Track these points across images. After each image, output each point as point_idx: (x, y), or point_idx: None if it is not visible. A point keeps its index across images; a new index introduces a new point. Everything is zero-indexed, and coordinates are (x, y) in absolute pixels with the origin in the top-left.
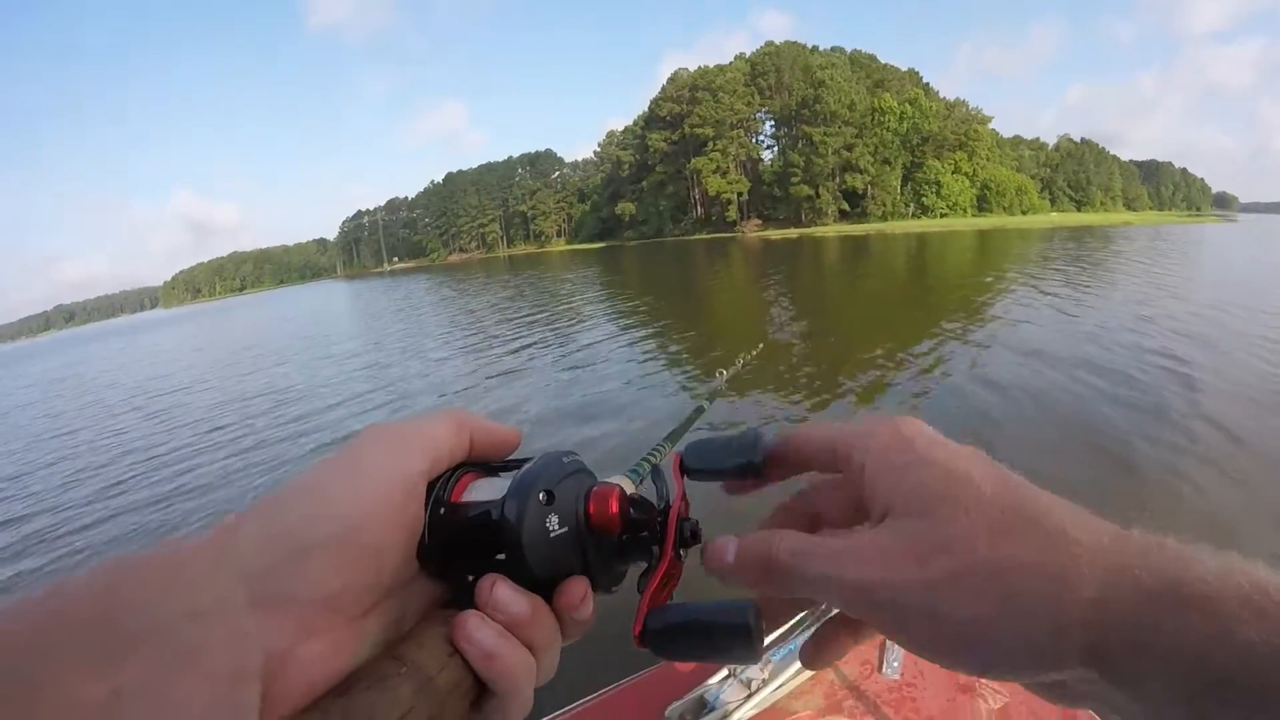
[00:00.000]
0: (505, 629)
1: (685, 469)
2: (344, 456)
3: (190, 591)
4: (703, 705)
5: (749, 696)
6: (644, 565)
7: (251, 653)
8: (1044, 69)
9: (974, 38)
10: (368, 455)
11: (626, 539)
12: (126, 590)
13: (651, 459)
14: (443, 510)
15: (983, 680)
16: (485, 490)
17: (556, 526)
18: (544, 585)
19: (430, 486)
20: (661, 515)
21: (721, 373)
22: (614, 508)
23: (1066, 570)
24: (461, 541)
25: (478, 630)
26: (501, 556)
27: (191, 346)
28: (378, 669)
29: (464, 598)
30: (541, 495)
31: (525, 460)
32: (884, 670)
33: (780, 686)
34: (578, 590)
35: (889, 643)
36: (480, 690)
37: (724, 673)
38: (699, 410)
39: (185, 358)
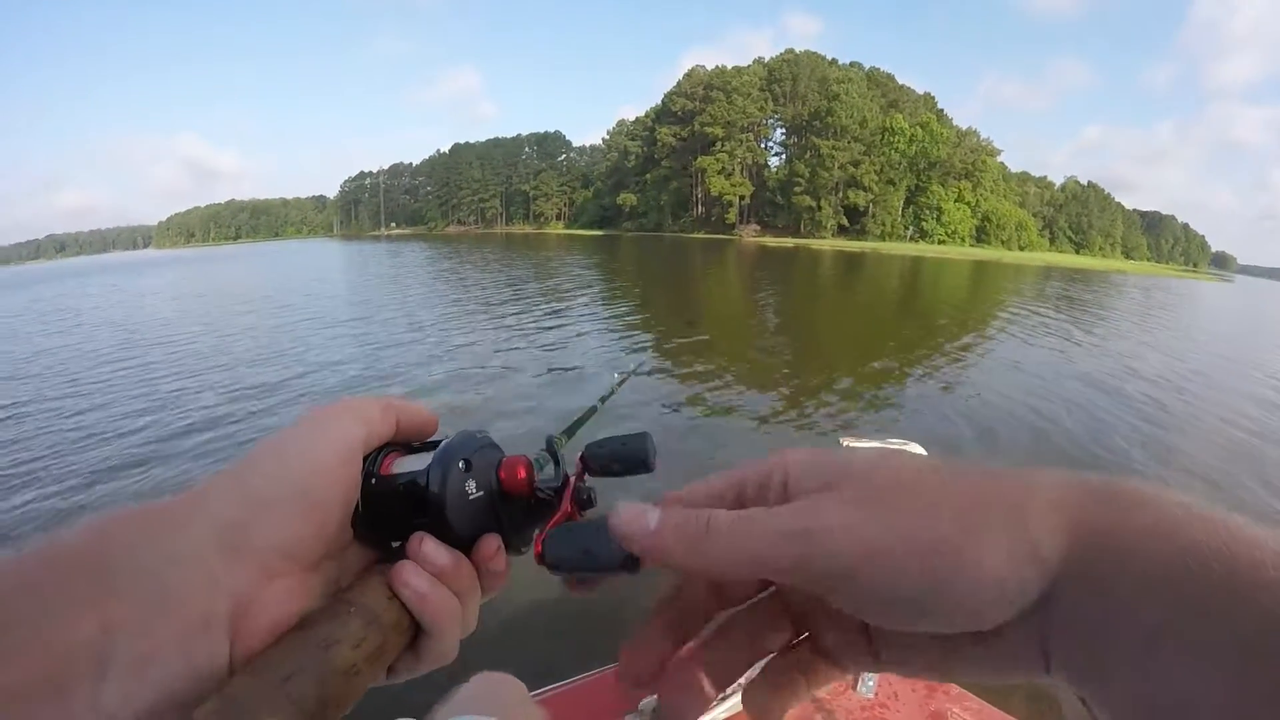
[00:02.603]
0: (434, 578)
1: (545, 562)
2: (299, 426)
3: (170, 541)
4: None
5: (722, 700)
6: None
7: (222, 594)
8: (1065, 106)
9: (1000, 67)
10: (317, 425)
11: (533, 503)
12: (115, 538)
13: (553, 446)
14: (374, 481)
15: (954, 710)
16: (409, 464)
17: (474, 490)
18: (464, 542)
19: (364, 460)
20: (562, 482)
21: (614, 375)
22: (521, 473)
23: (1020, 483)
24: (390, 508)
25: (412, 576)
26: (424, 523)
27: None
28: (331, 609)
29: (393, 559)
30: (461, 464)
31: (439, 441)
32: (859, 688)
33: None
34: (492, 544)
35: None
36: (415, 631)
37: None
38: (592, 409)
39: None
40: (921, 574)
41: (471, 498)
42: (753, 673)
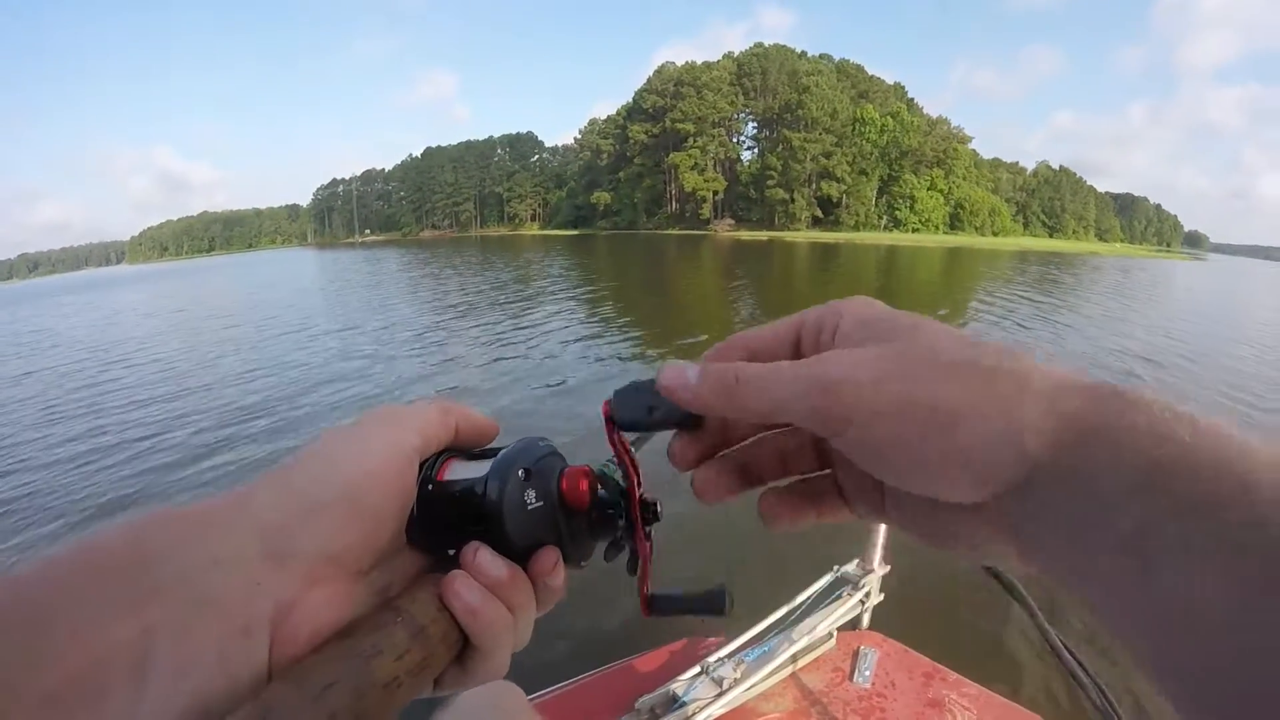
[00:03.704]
0: (487, 590)
1: (615, 422)
2: (350, 429)
3: (211, 543)
4: (673, 700)
5: (719, 695)
6: (609, 539)
7: (263, 600)
8: (1038, 92)
9: (972, 55)
10: (370, 429)
11: (595, 516)
12: (155, 541)
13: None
14: (430, 487)
15: (951, 696)
16: (465, 471)
17: (533, 500)
18: (521, 554)
19: (420, 466)
20: (623, 495)
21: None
22: (583, 485)
23: (1026, 372)
24: (446, 515)
25: (464, 588)
26: (480, 532)
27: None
28: (377, 618)
29: (447, 568)
30: (520, 472)
31: (499, 448)
32: (855, 678)
33: (751, 687)
34: (550, 558)
35: (861, 651)
36: (464, 644)
37: (696, 669)
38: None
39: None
40: (913, 438)
41: (530, 508)
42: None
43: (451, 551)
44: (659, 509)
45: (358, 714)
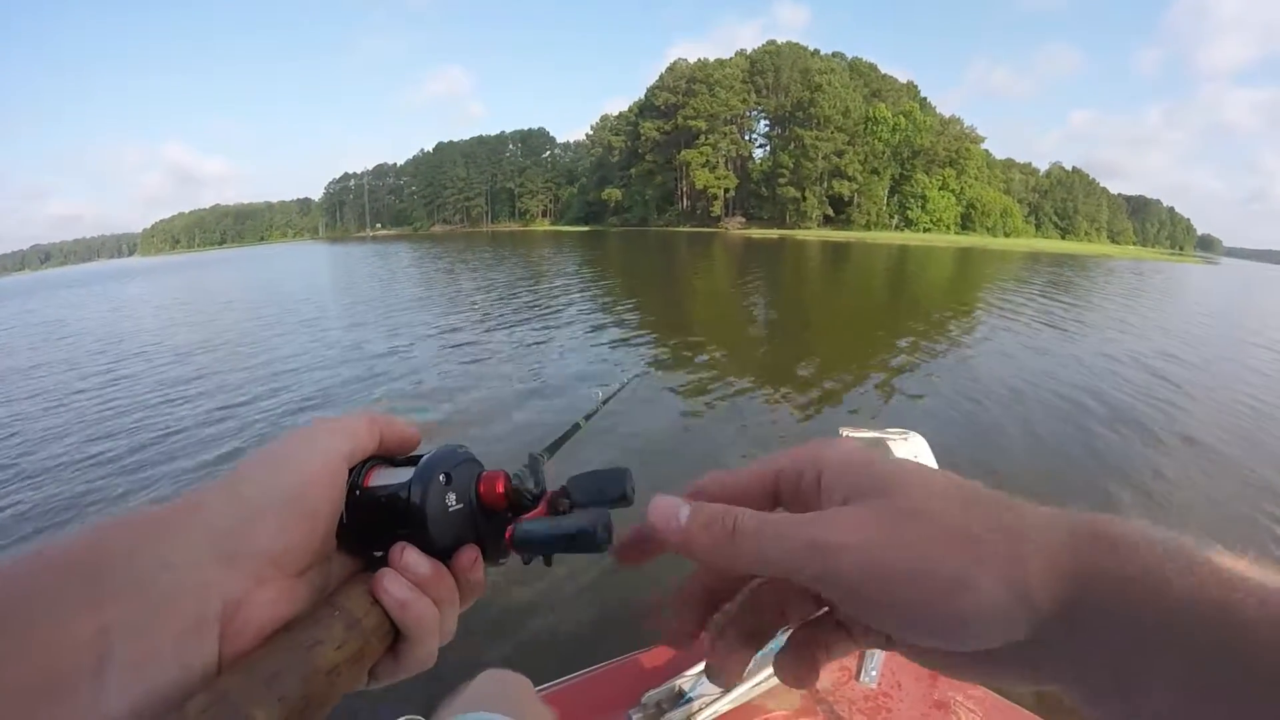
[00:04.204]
0: (413, 585)
1: (571, 500)
2: (288, 438)
3: (165, 547)
4: (679, 695)
5: (726, 691)
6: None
7: (214, 599)
8: (1053, 92)
9: (987, 53)
10: (306, 438)
11: (510, 517)
12: (112, 544)
13: (535, 462)
14: (358, 493)
15: (957, 698)
16: (390, 476)
17: (454, 503)
18: (443, 552)
19: (349, 473)
20: (538, 496)
21: (597, 392)
22: (500, 488)
23: (1021, 528)
24: (373, 519)
25: (393, 583)
26: (405, 533)
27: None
28: (316, 613)
29: (377, 568)
30: (441, 477)
31: (421, 455)
32: (861, 678)
33: (758, 685)
34: (470, 556)
35: (868, 650)
36: (395, 636)
37: (703, 665)
38: (575, 427)
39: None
40: (919, 601)
41: (451, 510)
42: (781, 639)
43: (379, 553)
44: (570, 510)
45: (304, 698)
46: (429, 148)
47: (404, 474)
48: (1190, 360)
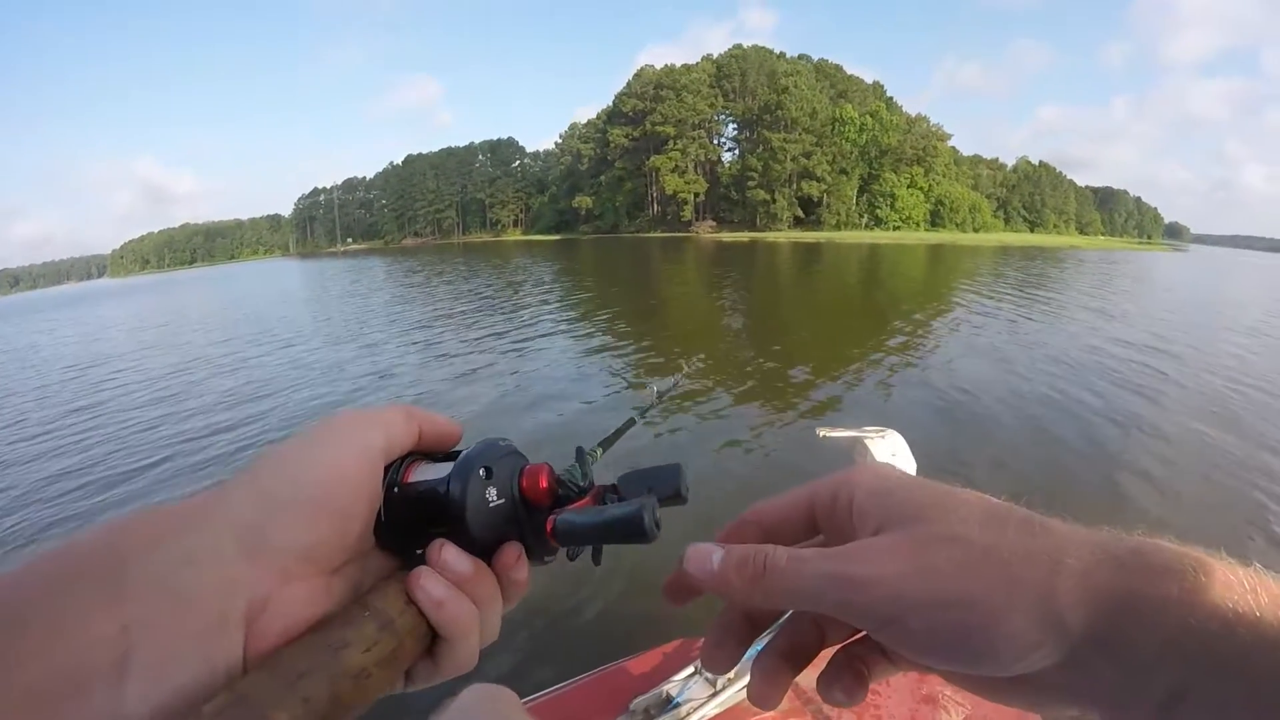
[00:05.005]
0: (452, 584)
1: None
2: (318, 430)
3: (187, 542)
4: (667, 700)
5: (714, 695)
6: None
7: (238, 596)
8: (1020, 88)
9: (955, 50)
10: (337, 431)
11: (555, 511)
12: (132, 540)
13: (583, 456)
14: (395, 489)
15: (945, 693)
16: (429, 472)
17: (495, 498)
18: (484, 550)
19: (386, 469)
20: (584, 491)
21: (653, 387)
22: (544, 483)
23: (1053, 551)
24: (412, 516)
25: (429, 582)
26: (445, 530)
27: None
28: (347, 612)
29: (414, 566)
30: (482, 471)
31: (461, 450)
32: None
33: (745, 686)
34: (513, 553)
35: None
36: (432, 637)
37: (690, 669)
38: (630, 422)
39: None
40: (952, 631)
41: (492, 505)
42: (762, 642)
43: (419, 551)
44: (619, 499)
45: (330, 702)
46: (398, 160)
47: (443, 469)
48: (1172, 348)
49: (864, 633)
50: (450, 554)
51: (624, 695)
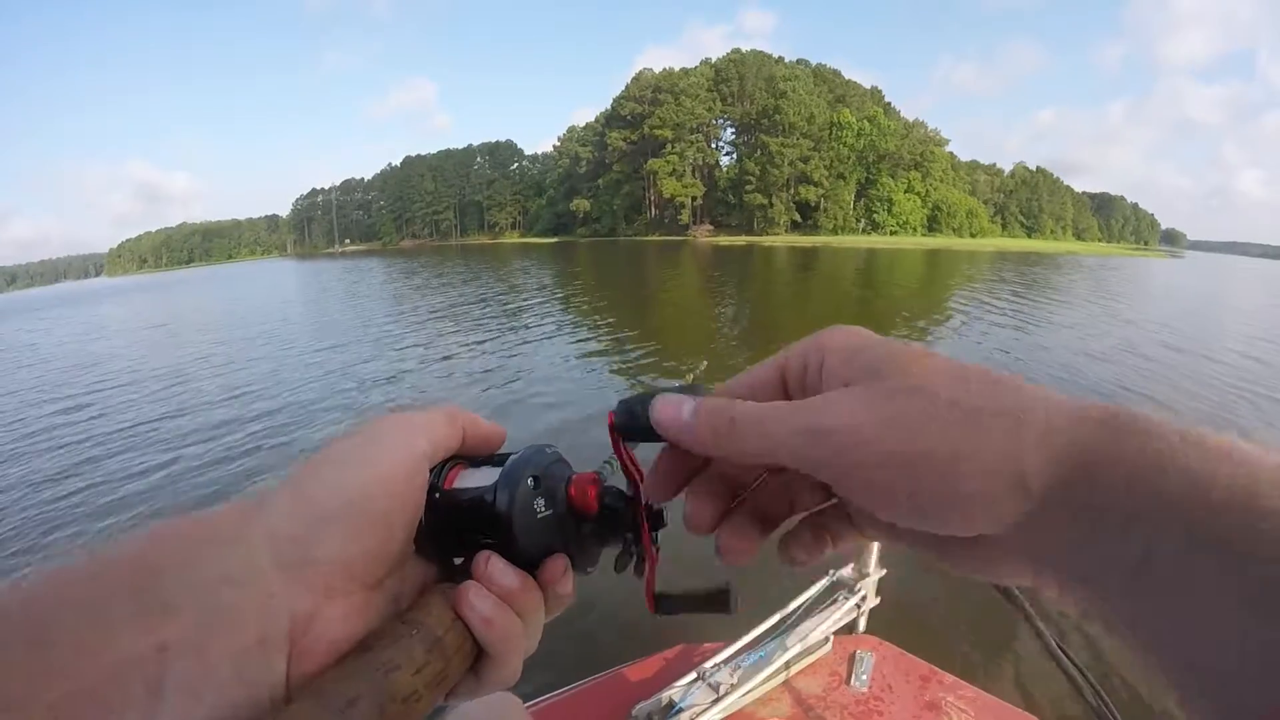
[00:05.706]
0: (499, 600)
1: (620, 432)
2: (359, 435)
3: (226, 556)
4: (669, 706)
5: (716, 701)
6: (618, 549)
7: (279, 614)
8: (1017, 91)
9: (953, 51)
10: (379, 435)
11: (602, 523)
12: (166, 554)
13: (614, 470)
14: (438, 495)
15: (948, 699)
16: (473, 479)
17: (543, 509)
18: (530, 562)
19: (429, 474)
20: (629, 501)
21: (689, 376)
22: (592, 493)
23: (1023, 406)
24: (455, 524)
25: (478, 599)
26: (489, 541)
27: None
28: (392, 630)
29: (455, 576)
30: (530, 480)
31: (506, 455)
32: (852, 682)
33: (748, 693)
34: (559, 566)
35: (858, 655)
36: (477, 654)
37: (692, 675)
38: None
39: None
40: (911, 483)
41: (540, 516)
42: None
43: (459, 560)
44: (665, 516)
45: None
46: (396, 162)
47: (488, 475)
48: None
49: (830, 503)
50: (497, 567)
51: (626, 701)
